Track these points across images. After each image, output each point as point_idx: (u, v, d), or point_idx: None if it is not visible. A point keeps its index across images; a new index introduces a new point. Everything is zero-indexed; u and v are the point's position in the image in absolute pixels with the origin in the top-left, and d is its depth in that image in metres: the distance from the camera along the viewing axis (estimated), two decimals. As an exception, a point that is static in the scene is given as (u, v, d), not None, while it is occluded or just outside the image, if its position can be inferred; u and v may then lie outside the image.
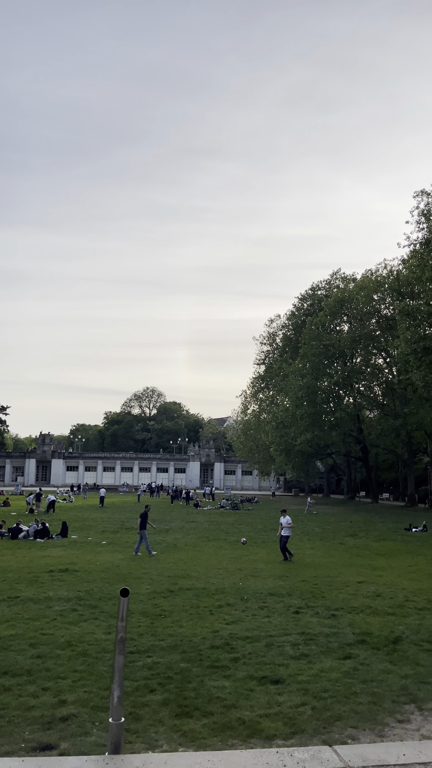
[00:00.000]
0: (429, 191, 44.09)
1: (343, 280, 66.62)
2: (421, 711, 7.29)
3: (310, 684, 8.09)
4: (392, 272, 55.78)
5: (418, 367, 39.79)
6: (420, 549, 24.13)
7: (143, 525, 21.48)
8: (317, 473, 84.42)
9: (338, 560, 20.43)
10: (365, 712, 7.18)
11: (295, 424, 57.80)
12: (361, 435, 61.40)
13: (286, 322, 75.57)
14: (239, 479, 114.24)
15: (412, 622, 11.65)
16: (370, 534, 29.96)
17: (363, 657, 9.35)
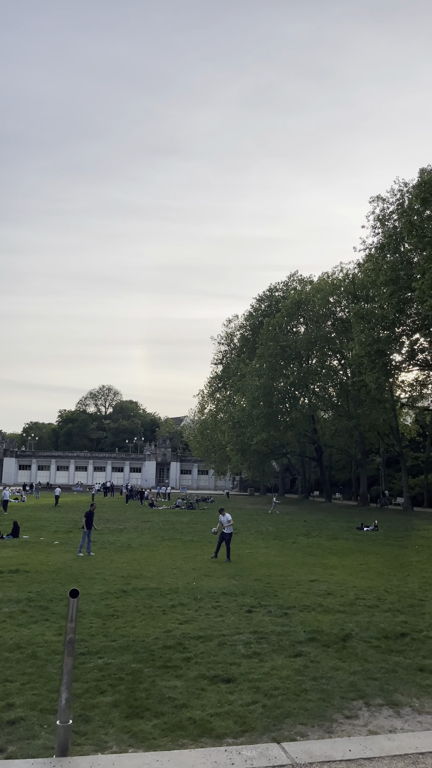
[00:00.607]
0: (384, 197, 45.06)
1: (300, 282, 67.41)
2: (369, 707, 7.43)
3: (261, 682, 8.16)
4: (348, 275, 56.72)
5: (372, 369, 40.58)
6: (371, 548, 24.61)
7: (89, 524, 21.26)
8: (272, 473, 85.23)
9: (291, 559, 20.66)
10: (314, 708, 7.28)
11: (252, 423, 58.20)
12: (316, 435, 62.27)
13: (243, 322, 76.01)
14: (195, 479, 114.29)
15: (362, 619, 11.87)
16: (323, 533, 30.40)
17: (313, 654, 9.47)
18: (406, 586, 15.68)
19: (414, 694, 7.92)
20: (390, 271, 38.12)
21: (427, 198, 33.06)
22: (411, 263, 38.40)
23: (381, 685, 8.17)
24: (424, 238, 32.40)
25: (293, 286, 67.97)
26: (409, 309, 39.36)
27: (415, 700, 7.71)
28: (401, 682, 8.32)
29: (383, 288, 38.73)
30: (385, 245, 41.86)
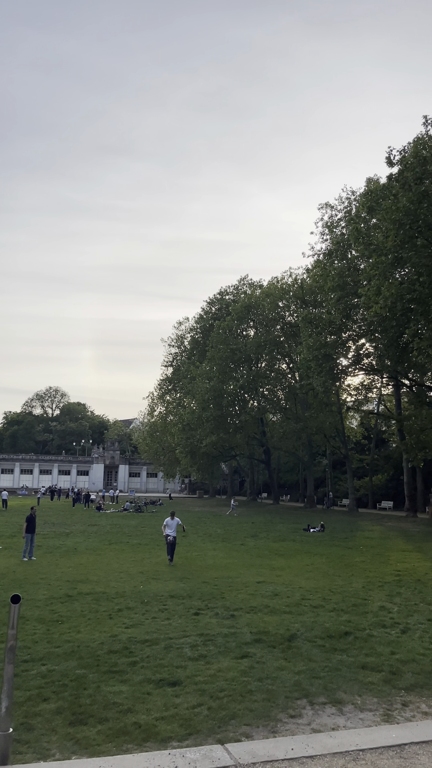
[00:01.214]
0: (332, 204, 45.99)
1: (250, 286, 68.01)
2: (313, 705, 7.55)
3: (207, 684, 8.17)
4: (297, 281, 57.58)
5: (319, 373, 41.28)
6: (317, 548, 25.01)
7: (30, 528, 20.84)
8: (221, 475, 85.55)
9: (239, 561, 20.78)
10: (259, 709, 7.34)
11: (201, 426, 58.29)
12: (265, 438, 62.90)
13: (194, 325, 76.09)
14: (144, 481, 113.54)
15: (307, 619, 12.04)
16: (270, 535, 30.70)
17: (259, 655, 9.56)
18: (350, 586, 16.00)
19: (356, 691, 8.09)
20: (337, 277, 38.90)
21: (373, 207, 33.91)
22: (358, 270, 39.29)
23: (325, 684, 8.31)
24: (370, 245, 33.21)
25: (243, 290, 68.52)
26: (356, 315, 40.25)
27: (357, 697, 7.88)
28: (344, 680, 8.49)
29: (331, 294, 39.47)
30: (333, 252, 42.71)
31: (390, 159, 33.00)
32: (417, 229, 29.71)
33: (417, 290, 29.77)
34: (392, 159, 32.89)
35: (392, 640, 10.62)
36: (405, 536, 30.84)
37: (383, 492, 58.81)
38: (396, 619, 12.26)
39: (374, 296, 31.29)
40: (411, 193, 29.37)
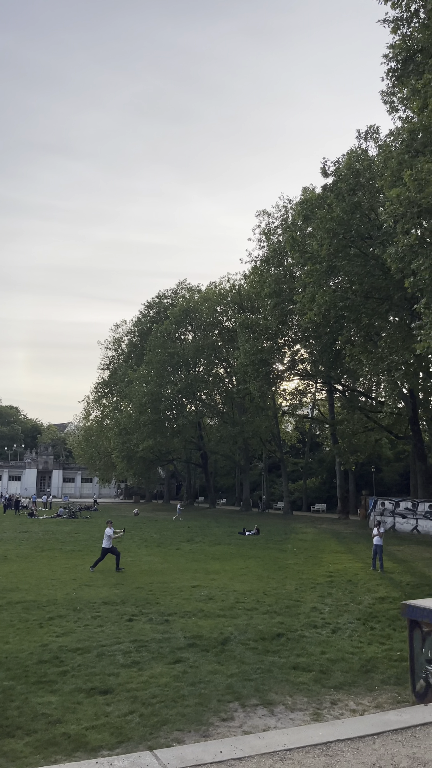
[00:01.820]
0: (270, 212, 46.74)
1: (188, 291, 68.15)
2: (244, 708, 7.63)
3: (139, 691, 8.11)
4: (234, 286, 58.14)
5: (255, 378, 41.80)
6: (252, 552, 25.26)
7: None
8: (158, 479, 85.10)
9: (174, 566, 20.72)
10: (191, 714, 7.35)
11: (138, 430, 57.85)
12: (202, 442, 63.07)
13: (132, 328, 75.51)
14: (79, 487, 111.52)
15: (241, 622, 12.15)
16: (206, 539, 30.78)
17: (193, 660, 9.56)
18: (283, 588, 16.24)
19: (287, 692, 8.23)
20: (274, 283, 39.53)
21: (309, 216, 34.67)
22: (293, 277, 40.04)
23: (257, 686, 8.41)
24: (305, 254, 33.91)
25: (182, 294, 68.59)
26: (291, 321, 41.01)
27: (288, 698, 8.01)
28: (276, 682, 8.61)
29: (267, 300, 40.05)
30: (270, 259, 43.37)
31: (325, 170, 33.85)
32: (350, 238, 30.58)
33: (349, 298, 30.64)
34: (327, 170, 33.75)
35: (323, 640, 10.86)
36: (337, 538, 31.60)
37: (317, 495, 60.03)
38: (327, 619, 12.55)
39: (309, 303, 31.97)
40: (345, 204, 30.21)
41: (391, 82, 22.60)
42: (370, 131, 34.76)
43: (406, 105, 24.68)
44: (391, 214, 21.30)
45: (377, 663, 9.51)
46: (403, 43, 20.98)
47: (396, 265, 22.42)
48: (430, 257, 20.10)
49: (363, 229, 30.57)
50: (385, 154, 26.78)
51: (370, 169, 31.17)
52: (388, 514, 36.04)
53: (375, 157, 31.76)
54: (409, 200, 20.12)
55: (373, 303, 30.76)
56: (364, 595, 15.25)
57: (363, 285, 30.43)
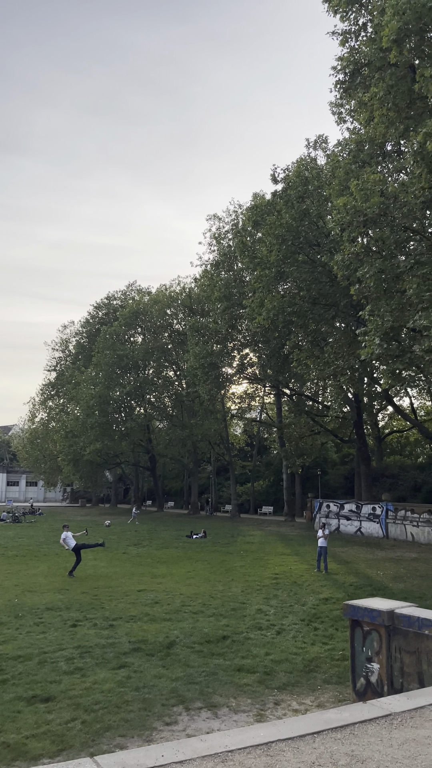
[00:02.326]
0: (220, 216, 47.04)
1: (138, 293, 67.72)
2: (188, 711, 7.63)
3: (82, 698, 8.01)
4: (185, 289, 58.17)
5: (205, 381, 41.90)
6: (199, 555, 25.27)
7: None
8: (105, 483, 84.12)
9: (120, 570, 20.54)
10: (135, 719, 7.31)
11: (86, 433, 57.03)
12: (150, 445, 62.71)
13: (80, 329, 74.45)
14: (23, 490, 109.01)
15: (186, 626, 12.14)
16: (153, 542, 30.62)
17: (137, 665, 9.50)
18: (229, 591, 16.33)
19: (232, 694, 8.28)
20: (224, 288, 39.76)
21: (258, 221, 35.06)
22: (243, 282, 40.40)
23: (201, 689, 8.43)
24: (255, 259, 34.26)
25: (132, 296, 68.10)
26: (240, 325, 41.34)
27: (233, 700, 8.07)
28: (220, 684, 8.65)
29: (217, 304, 40.25)
30: (220, 263, 43.61)
31: (275, 177, 34.35)
32: (298, 245, 31.08)
33: (297, 304, 31.11)
34: (277, 177, 34.26)
35: (267, 642, 10.98)
36: (283, 540, 31.97)
37: (264, 497, 60.56)
38: (272, 621, 12.69)
39: (258, 308, 32.29)
40: (293, 211, 30.70)
41: (339, 93, 23.11)
42: (319, 141, 35.48)
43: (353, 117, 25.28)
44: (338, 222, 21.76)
45: (320, 663, 9.69)
46: (351, 56, 21.49)
47: (342, 272, 22.91)
48: (374, 266, 20.63)
49: (311, 237, 31.13)
50: (333, 163, 27.36)
51: (318, 177, 31.78)
52: (333, 516, 36.72)
53: (323, 166, 32.41)
54: (355, 209, 20.61)
55: (320, 309, 31.33)
56: (308, 597, 15.49)
57: (311, 291, 30.96)
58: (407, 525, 31.38)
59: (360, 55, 21.02)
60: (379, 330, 20.38)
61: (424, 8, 16.26)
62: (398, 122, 20.53)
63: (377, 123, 20.75)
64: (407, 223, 20.96)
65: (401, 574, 19.93)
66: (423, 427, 38.84)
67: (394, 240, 20.37)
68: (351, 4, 20.88)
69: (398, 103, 19.86)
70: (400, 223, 20.65)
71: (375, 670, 7.60)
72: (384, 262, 20.46)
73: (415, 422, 40.41)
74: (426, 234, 22.17)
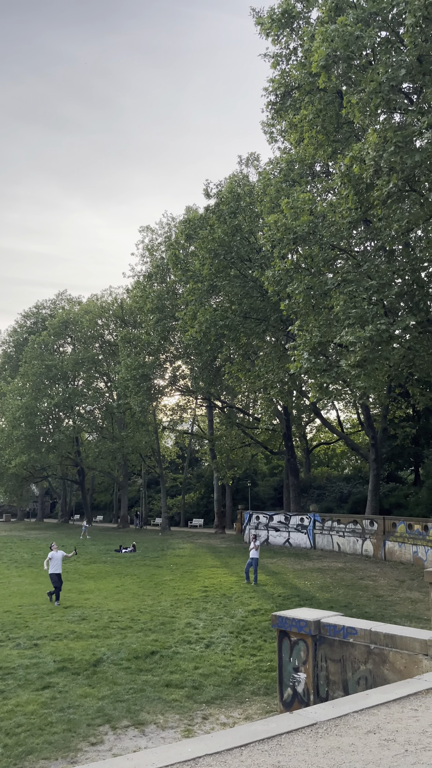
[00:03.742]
0: (153, 228, 47.11)
1: (68, 302, 66.61)
2: (115, 730, 7.49)
3: (3, 722, 7.72)
4: (117, 300, 57.71)
5: (137, 393, 41.60)
6: (128, 569, 24.92)
7: None
8: (32, 497, 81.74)
9: (46, 587, 19.92)
10: (59, 741, 7.11)
11: (11, 445, 55.29)
12: (79, 457, 61.50)
13: (6, 338, 72.38)
14: None
15: (114, 642, 11.93)
16: (80, 557, 29.95)
17: (62, 684, 9.25)
18: (159, 605, 16.18)
19: (159, 710, 8.19)
20: (156, 299, 39.75)
21: (191, 234, 35.34)
22: (176, 294, 40.54)
23: (128, 707, 8.30)
24: (187, 272, 34.48)
25: (61, 305, 66.89)
26: (173, 337, 41.42)
27: (161, 716, 7.98)
28: (148, 701, 8.55)
29: (150, 315, 40.17)
30: (153, 274, 43.60)
31: (207, 191, 34.76)
32: (230, 260, 31.54)
33: (229, 317, 31.50)
34: (209, 191, 34.69)
35: (196, 656, 10.94)
36: (213, 552, 32.02)
37: (195, 510, 60.55)
38: (201, 634, 12.65)
39: (190, 321, 32.46)
40: (226, 226, 31.15)
41: (270, 114, 23.74)
42: (251, 158, 36.24)
43: (284, 137, 26.01)
44: (269, 239, 22.24)
45: (248, 675, 9.74)
46: (282, 79, 22.15)
47: (273, 287, 23.40)
48: (303, 282, 21.19)
49: (243, 252, 31.64)
50: (264, 181, 27.98)
51: (250, 194, 32.41)
52: (262, 527, 37.13)
53: (255, 184, 33.10)
54: (285, 227, 21.13)
55: (251, 323, 31.83)
56: (237, 609, 15.56)
57: (242, 305, 31.42)
58: (334, 535, 32.13)
59: (290, 78, 21.68)
60: (308, 345, 20.91)
61: (352, 36, 16.96)
62: (327, 144, 21.28)
63: (307, 144, 21.42)
64: (335, 242, 21.68)
65: (328, 583, 20.36)
66: (349, 440, 40.04)
67: (322, 258, 21.00)
68: (282, 29, 21.54)
69: (327, 127, 20.60)
70: (328, 242, 21.33)
71: (302, 679, 7.72)
72: (312, 278, 21.05)
73: (342, 435, 41.63)
74: (352, 253, 23.00)
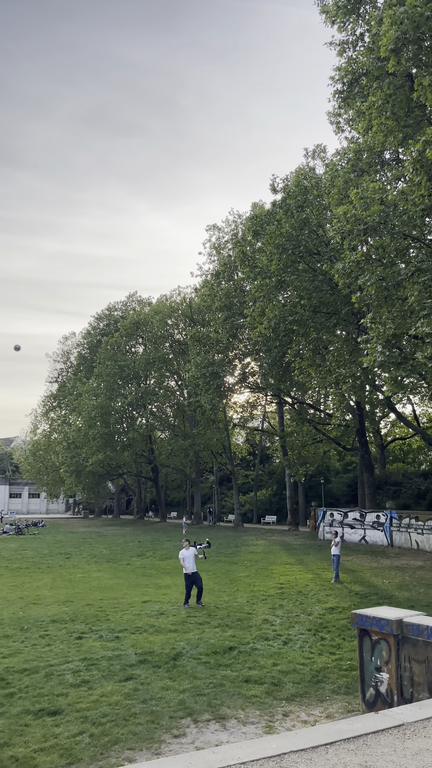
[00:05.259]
0: (220, 227, 47.23)
1: (139, 303, 67.94)
2: (197, 723, 7.57)
3: (89, 711, 7.95)
4: (185, 299, 58.31)
5: (206, 391, 41.90)
6: (202, 565, 25.12)
7: None
8: (108, 494, 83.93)
9: (125, 581, 20.43)
10: (143, 732, 7.25)
11: (88, 444, 56.99)
12: (152, 455, 62.61)
13: (81, 340, 74.62)
14: (26, 502, 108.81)
15: (192, 637, 12.06)
16: (156, 553, 30.49)
17: (144, 677, 9.44)
18: (235, 601, 16.23)
19: (239, 705, 8.21)
20: (224, 297, 39.87)
21: (258, 231, 35.21)
22: (243, 291, 40.52)
23: (209, 701, 8.36)
24: (255, 268, 34.38)
25: (132, 307, 68.30)
26: (241, 334, 41.43)
27: (241, 711, 8.00)
28: (228, 696, 8.58)
29: (218, 313, 40.35)
30: (220, 272, 43.75)
31: (274, 186, 34.55)
32: (299, 254, 31.18)
33: (298, 313, 31.15)
34: (276, 186, 34.46)
35: (275, 652, 10.90)
36: (287, 549, 31.83)
37: (267, 507, 60.37)
38: (278, 631, 12.60)
39: (259, 317, 32.35)
40: (293, 220, 30.82)
41: (337, 103, 23.27)
42: (317, 150, 35.69)
43: (351, 126, 25.44)
44: (339, 231, 21.82)
45: (328, 673, 9.61)
46: (348, 66, 21.66)
47: (343, 280, 22.94)
48: (375, 273, 20.67)
49: (311, 245, 31.22)
50: (332, 172, 27.49)
51: (317, 186, 31.93)
52: (336, 524, 36.58)
53: (322, 176, 32.58)
54: (355, 218, 20.68)
55: (321, 317, 31.37)
56: (314, 606, 15.39)
57: (312, 300, 31.01)
58: (412, 533, 31.24)
59: (358, 64, 21.17)
60: (381, 338, 20.39)
61: (422, 18, 16.39)
62: (397, 131, 20.65)
63: (376, 132, 20.87)
64: (407, 231, 21.02)
65: (407, 582, 19.81)
66: (426, 434, 38.76)
67: (394, 248, 20.42)
68: (348, 15, 21.08)
69: (396, 112, 19.99)
70: (400, 231, 20.70)
71: (384, 679, 7.54)
72: (385, 269, 20.51)
73: (418, 429, 40.35)
74: (426, 241, 22.24)
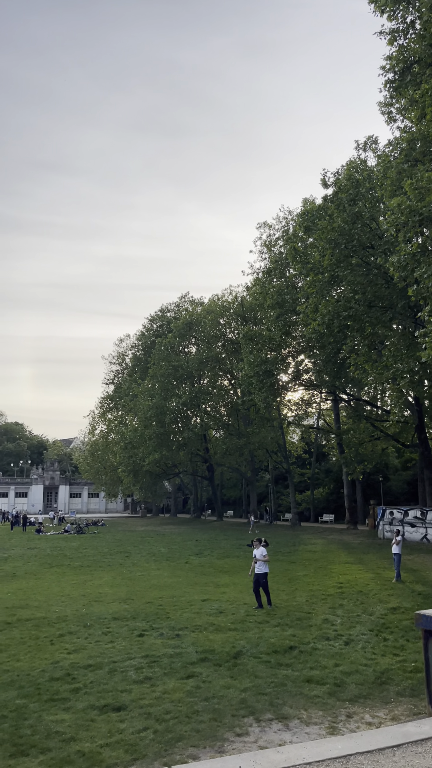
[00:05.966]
0: (270, 224, 46.97)
1: (191, 304, 68.39)
2: (259, 722, 7.55)
3: (152, 707, 8.05)
4: (237, 298, 58.29)
5: (260, 389, 41.75)
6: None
7: None
8: (165, 493, 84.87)
9: (183, 580, 20.61)
10: (206, 729, 7.28)
11: (144, 444, 57.79)
12: (208, 454, 62.92)
13: (135, 342, 75.74)
14: (85, 502, 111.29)
15: (252, 635, 12.05)
16: (214, 552, 30.62)
17: (205, 675, 9.49)
18: (294, 600, 16.13)
19: (302, 705, 8.14)
20: (276, 294, 39.63)
21: (310, 227, 34.84)
22: (296, 288, 40.16)
23: (270, 700, 8.33)
24: (307, 264, 34.01)
25: (185, 307, 68.83)
26: (295, 332, 41.07)
27: (303, 711, 7.93)
28: (290, 695, 8.53)
29: (270, 311, 40.15)
30: (272, 270, 43.52)
31: (325, 181, 34.06)
32: (351, 248, 30.68)
33: (353, 308, 30.65)
34: (327, 181, 33.96)
35: (336, 653, 10.76)
36: (346, 548, 31.39)
37: (324, 505, 59.69)
38: (339, 631, 12.44)
39: (312, 314, 32.00)
40: (345, 214, 30.34)
41: (388, 93, 22.77)
42: (368, 142, 34.96)
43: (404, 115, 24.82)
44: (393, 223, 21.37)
45: (392, 675, 9.42)
46: (400, 55, 21.17)
47: (399, 273, 22.43)
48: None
49: (364, 239, 30.67)
50: (384, 164, 26.91)
51: (369, 179, 31.31)
52: (396, 523, 35.82)
53: (374, 168, 31.93)
54: (410, 209, 20.19)
55: (376, 312, 30.77)
56: (375, 606, 15.12)
57: (366, 294, 30.46)
58: None
59: (410, 52, 20.68)
60: (440, 331, 19.83)
61: None
62: (452, 117, 20.03)
63: (429, 119, 20.30)
64: (465, 220, 20.38)
65: (472, 582, 19.20)
66: None
67: (451, 238, 19.84)
68: (398, 3, 20.59)
69: (451, 98, 19.40)
70: (458, 221, 20.10)
71: (452, 682, 7.32)
72: (442, 261, 19.94)
73: None
74: None
